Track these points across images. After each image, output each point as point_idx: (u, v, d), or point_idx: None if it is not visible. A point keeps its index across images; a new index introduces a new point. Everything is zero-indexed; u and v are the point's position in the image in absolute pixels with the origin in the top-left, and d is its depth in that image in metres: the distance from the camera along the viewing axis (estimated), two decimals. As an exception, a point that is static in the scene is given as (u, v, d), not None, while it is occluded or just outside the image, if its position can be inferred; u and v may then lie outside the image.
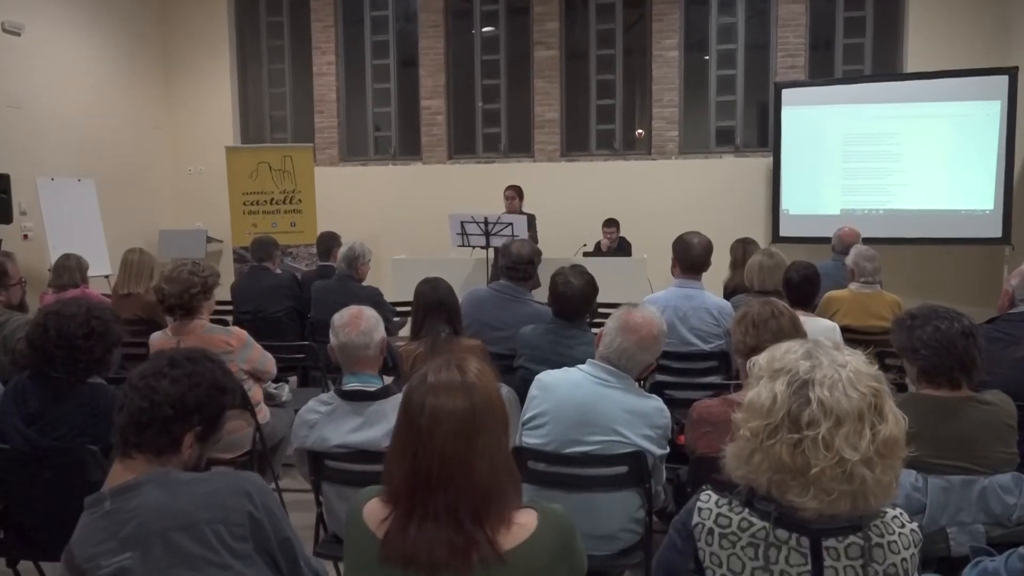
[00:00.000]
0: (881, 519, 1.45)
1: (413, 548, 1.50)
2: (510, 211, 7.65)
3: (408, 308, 4.46)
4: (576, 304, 3.56)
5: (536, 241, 7.20)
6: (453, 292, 3.73)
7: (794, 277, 4.11)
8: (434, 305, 3.61)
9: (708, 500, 1.51)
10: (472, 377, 1.58)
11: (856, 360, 1.44)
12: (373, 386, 2.68)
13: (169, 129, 9.88)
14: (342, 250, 5.42)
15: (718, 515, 1.47)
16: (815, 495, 1.37)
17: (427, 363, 1.64)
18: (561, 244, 8.12)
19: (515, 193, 7.82)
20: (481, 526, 1.50)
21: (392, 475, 1.56)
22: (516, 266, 4.22)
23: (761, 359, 1.48)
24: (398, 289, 7.02)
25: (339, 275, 5.32)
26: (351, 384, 2.69)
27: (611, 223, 8.12)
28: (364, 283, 5.35)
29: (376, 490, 1.63)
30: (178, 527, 1.64)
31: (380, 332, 2.76)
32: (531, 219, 7.58)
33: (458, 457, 1.50)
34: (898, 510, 1.49)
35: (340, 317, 2.75)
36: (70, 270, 4.96)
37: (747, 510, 1.45)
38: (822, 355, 1.44)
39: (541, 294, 4.14)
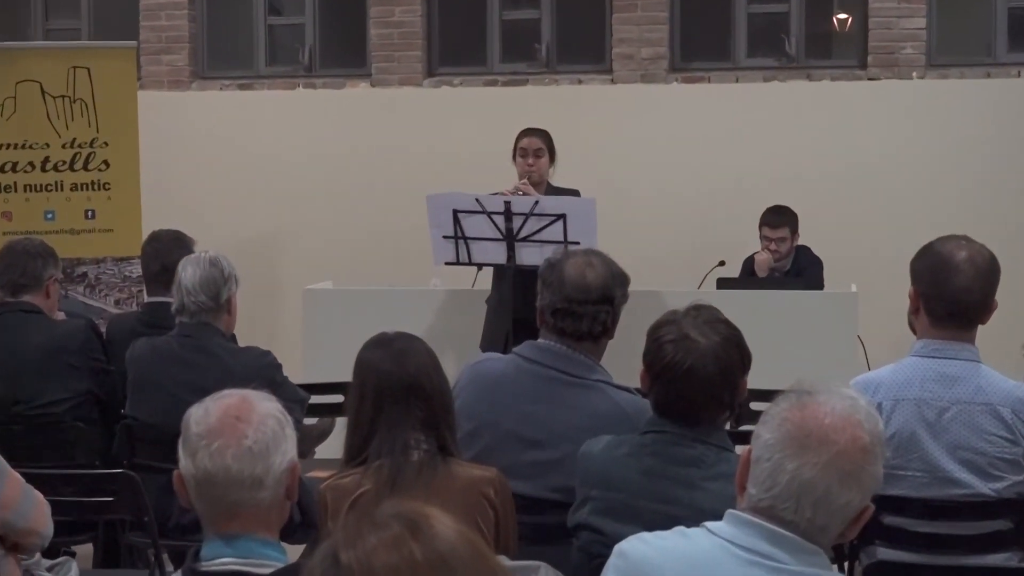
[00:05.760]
0: None
1: None
2: (524, 187, 7.51)
3: (339, 398, 4.49)
4: (702, 389, 3.58)
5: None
6: (437, 365, 3.78)
7: None
8: (399, 392, 3.66)
9: None
10: (438, 530, 1.67)
11: None
12: (267, 564, 2.73)
13: None
14: (188, 272, 5.36)
15: None
16: None
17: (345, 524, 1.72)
18: (668, 260, 8.23)
19: (540, 142, 7.77)
20: None
21: None
22: (575, 308, 4.24)
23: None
24: (316, 355, 7.07)
25: (189, 323, 5.36)
26: (221, 560, 2.74)
27: (780, 217, 8.18)
28: (243, 343, 5.41)
29: None
30: None
31: (288, 451, 2.81)
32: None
33: None
34: None
35: (202, 416, 2.80)
36: None
37: None
38: None
39: (618, 367, 4.20)
